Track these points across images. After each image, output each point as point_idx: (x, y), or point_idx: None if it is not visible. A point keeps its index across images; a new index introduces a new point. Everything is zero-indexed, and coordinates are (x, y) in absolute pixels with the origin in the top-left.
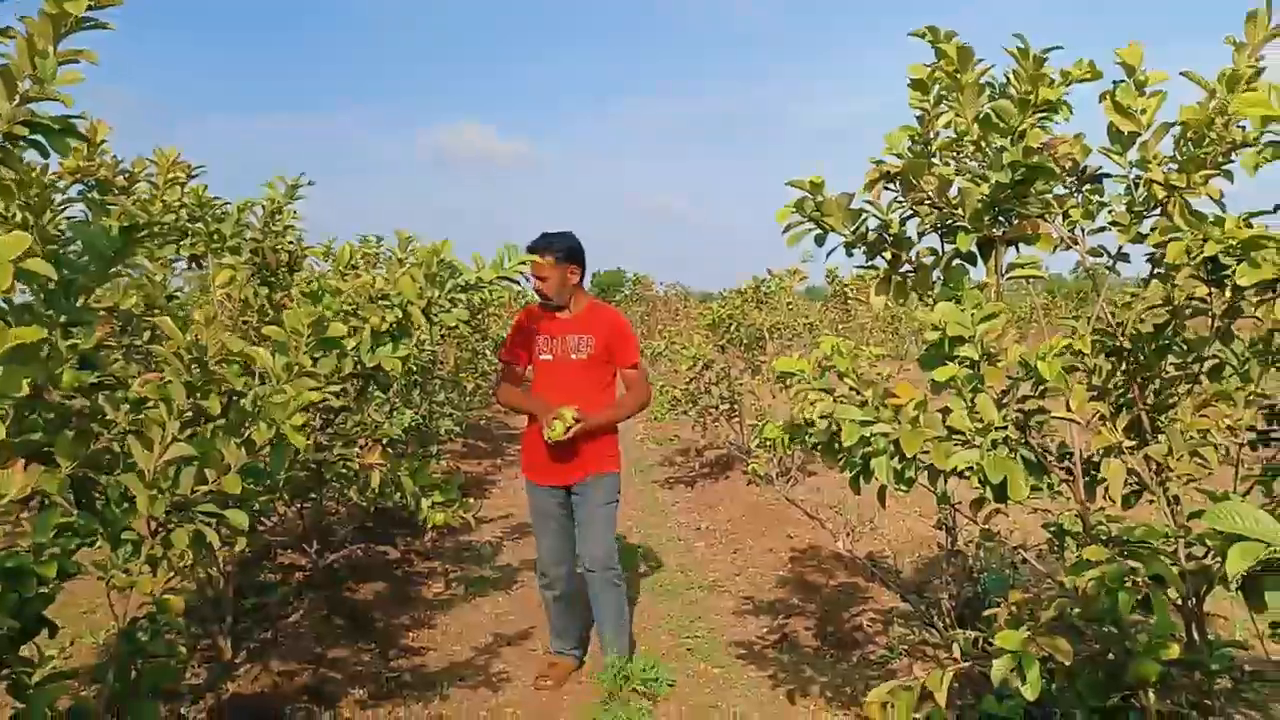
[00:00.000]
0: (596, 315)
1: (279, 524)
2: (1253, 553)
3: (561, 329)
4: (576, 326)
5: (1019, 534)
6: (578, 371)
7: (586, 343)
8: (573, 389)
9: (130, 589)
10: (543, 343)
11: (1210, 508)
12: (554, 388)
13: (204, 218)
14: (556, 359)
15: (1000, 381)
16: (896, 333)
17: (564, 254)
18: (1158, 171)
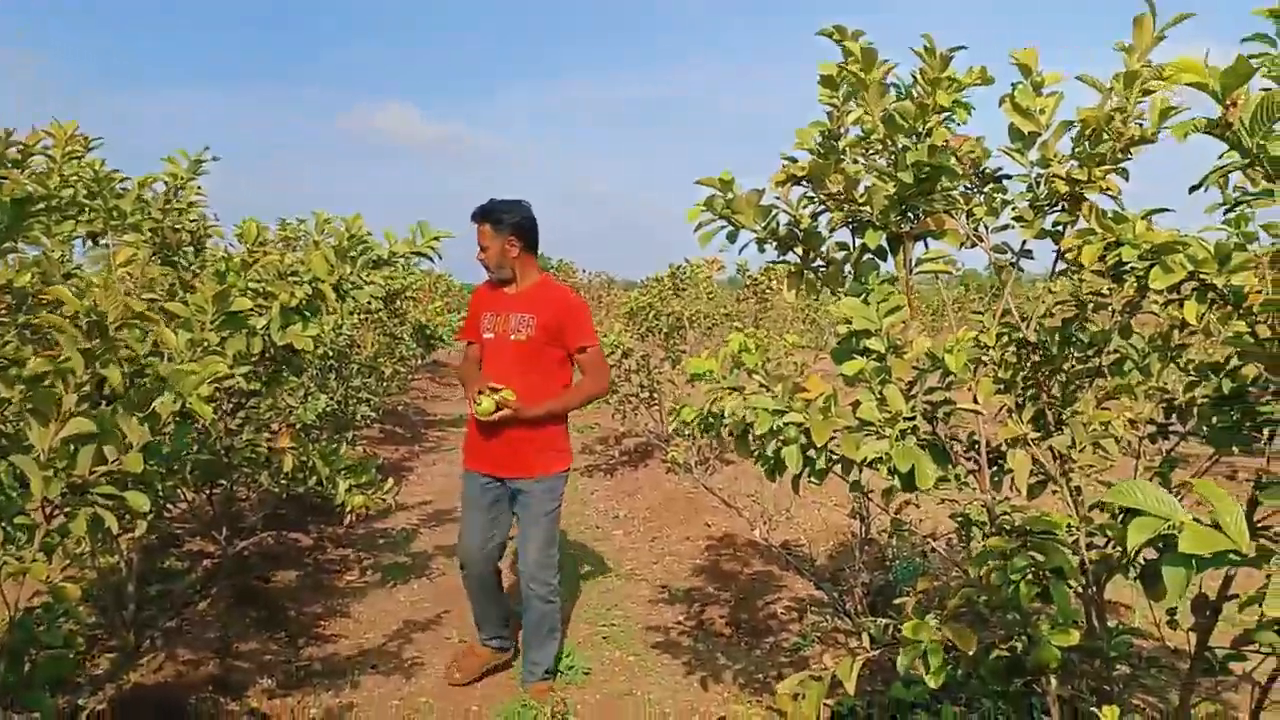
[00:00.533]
0: (543, 293)
1: (187, 511)
2: (1150, 527)
3: (505, 306)
4: (519, 304)
5: (930, 523)
6: (516, 353)
7: (526, 322)
8: (510, 372)
9: (23, 576)
10: (487, 320)
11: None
12: (493, 369)
13: (101, 193)
14: (497, 337)
15: (907, 373)
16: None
17: (504, 223)
18: (1060, 168)
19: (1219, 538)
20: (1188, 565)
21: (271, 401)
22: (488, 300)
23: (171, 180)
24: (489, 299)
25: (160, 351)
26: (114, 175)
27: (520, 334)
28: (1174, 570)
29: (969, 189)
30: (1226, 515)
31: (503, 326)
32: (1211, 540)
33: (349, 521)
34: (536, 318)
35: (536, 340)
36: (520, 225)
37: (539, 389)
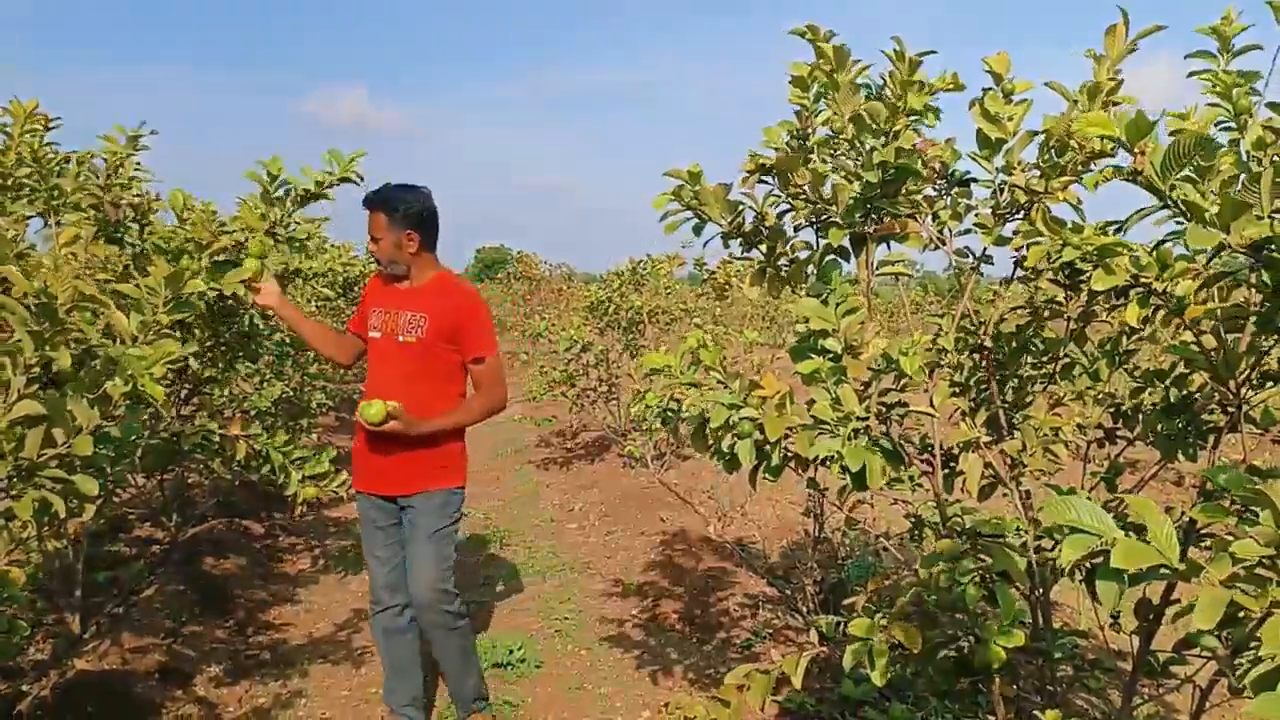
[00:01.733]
0: (439, 292)
1: (137, 496)
2: (1084, 544)
3: (395, 302)
4: (410, 302)
5: (883, 522)
6: (404, 357)
7: (417, 323)
8: (395, 377)
9: None
10: (375, 316)
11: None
12: (376, 373)
13: (39, 172)
14: (384, 337)
15: (862, 374)
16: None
17: (401, 214)
18: (1021, 177)
19: (1150, 552)
20: (1119, 579)
21: (228, 389)
22: (379, 294)
23: (111, 157)
24: (380, 293)
25: (112, 333)
26: (55, 153)
27: (410, 335)
28: (1106, 584)
29: (936, 191)
30: (1158, 530)
31: (391, 325)
32: (1143, 555)
33: (301, 511)
34: (429, 318)
35: (428, 345)
36: (420, 217)
37: (428, 399)
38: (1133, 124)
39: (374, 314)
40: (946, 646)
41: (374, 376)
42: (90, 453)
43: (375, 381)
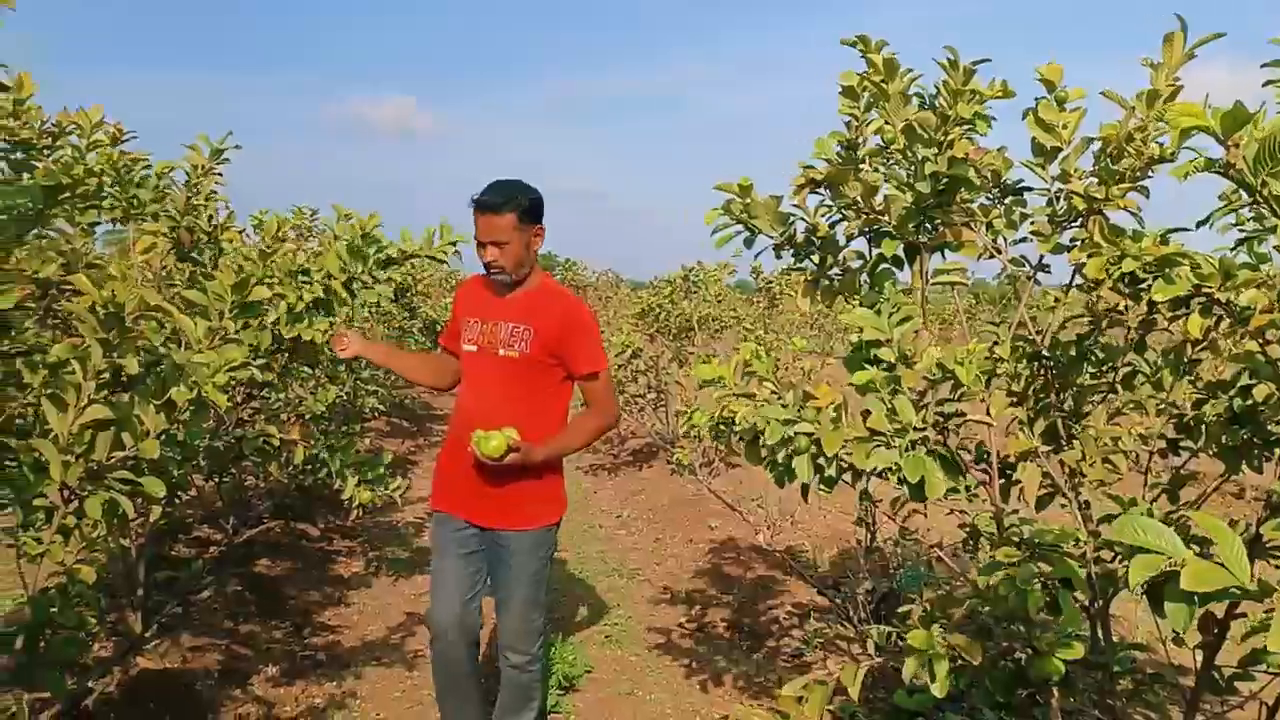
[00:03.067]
0: (545, 300)
1: (195, 498)
2: (1152, 565)
3: (495, 312)
4: (512, 311)
5: (935, 533)
6: (504, 374)
7: (522, 335)
8: (494, 398)
9: (41, 558)
10: (470, 328)
11: (1118, 514)
12: (472, 392)
13: (120, 181)
14: (481, 351)
15: (917, 384)
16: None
17: (527, 210)
18: (1079, 184)
19: (1220, 573)
20: (1190, 601)
21: (284, 394)
22: (473, 302)
23: (192, 171)
24: (475, 301)
25: (178, 338)
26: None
27: (512, 349)
28: (1176, 607)
29: (989, 201)
30: (1227, 549)
31: (489, 338)
32: (1214, 577)
33: (356, 515)
34: (534, 330)
35: (533, 360)
36: (540, 211)
37: (531, 421)
38: (1229, 115)
39: (468, 325)
40: (1004, 658)
41: (470, 396)
42: (157, 456)
43: (472, 402)
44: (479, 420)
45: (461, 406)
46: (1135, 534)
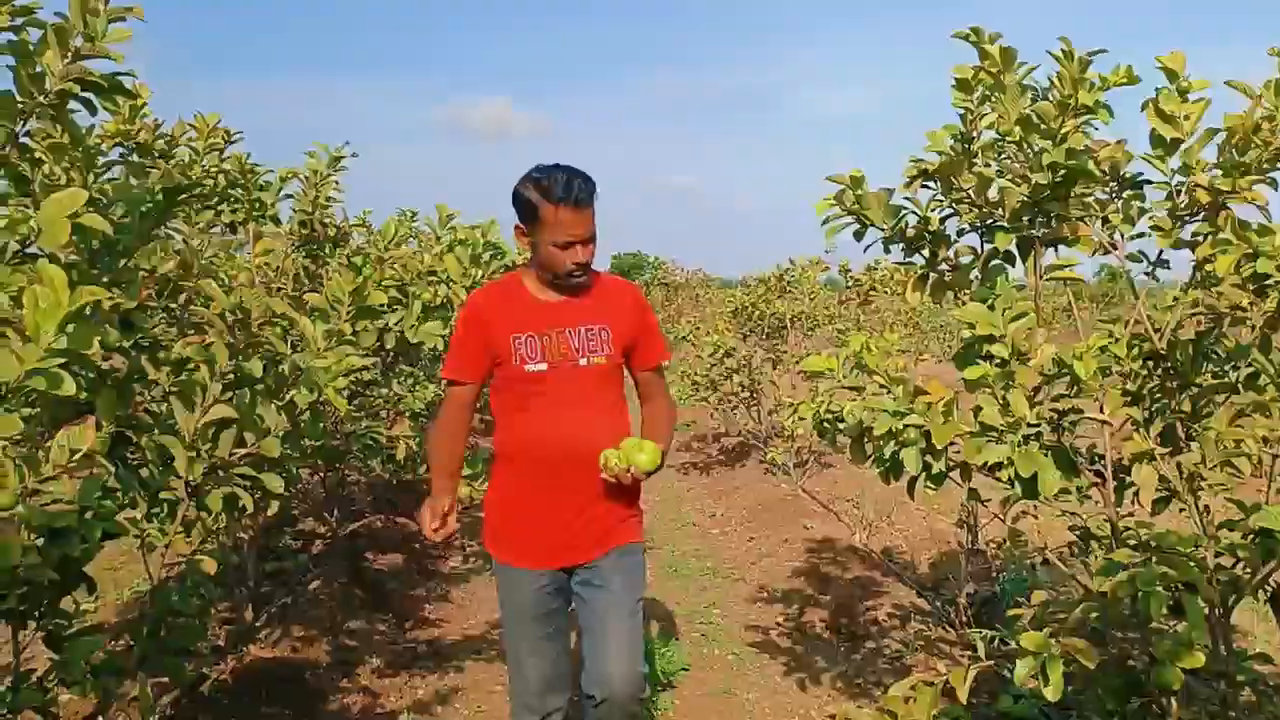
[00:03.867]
0: (611, 293)
1: (300, 491)
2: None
3: (557, 319)
4: (582, 313)
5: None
6: (592, 384)
7: (600, 338)
8: (589, 414)
9: (165, 549)
10: (526, 344)
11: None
12: (556, 415)
13: (245, 185)
14: (555, 367)
15: (1033, 380)
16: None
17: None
18: (1203, 176)
19: None
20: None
21: (386, 391)
22: (515, 316)
23: (313, 175)
24: (516, 314)
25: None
26: (256, 169)
27: (597, 355)
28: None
29: (1106, 195)
30: None
31: (562, 348)
32: None
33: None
34: (613, 329)
35: (615, 360)
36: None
37: (624, 429)
38: None
39: (521, 344)
40: (1118, 665)
41: (548, 422)
42: (277, 454)
43: (559, 427)
44: (582, 445)
45: (539, 437)
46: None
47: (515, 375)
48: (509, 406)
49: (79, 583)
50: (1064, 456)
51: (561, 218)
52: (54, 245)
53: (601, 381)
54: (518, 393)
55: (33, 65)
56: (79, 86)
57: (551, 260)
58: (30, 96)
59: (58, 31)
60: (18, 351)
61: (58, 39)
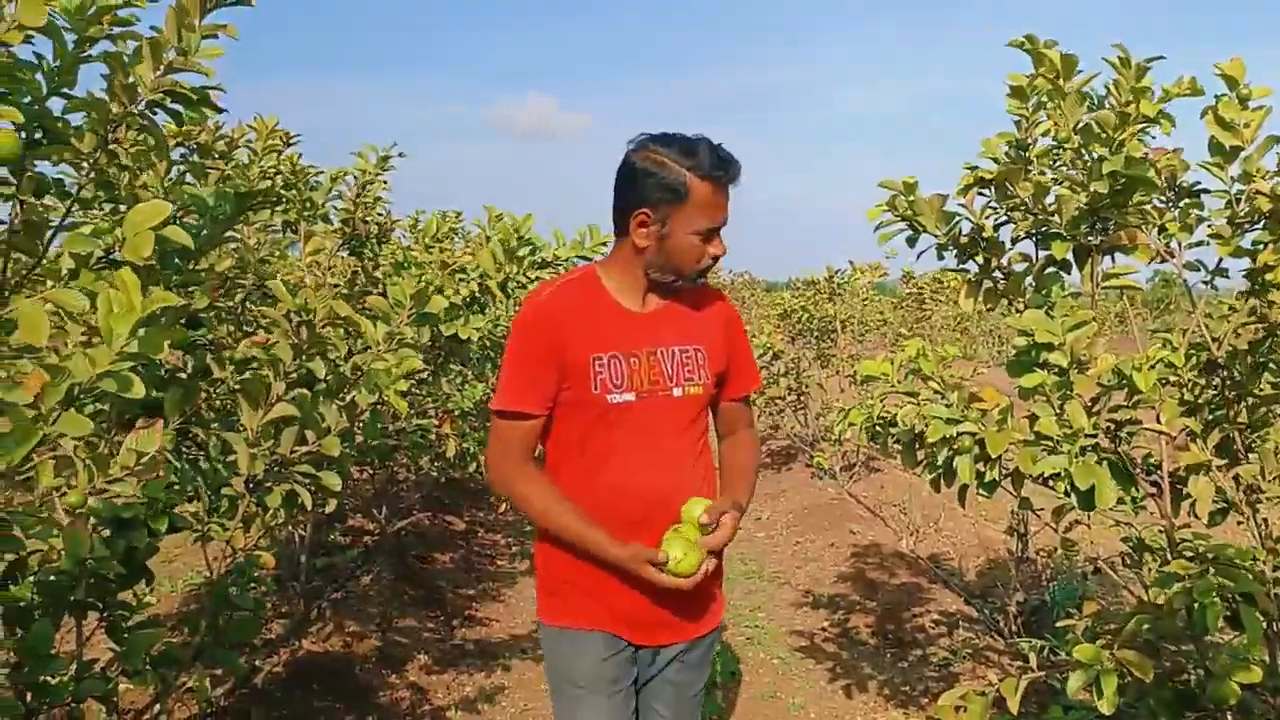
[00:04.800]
0: (703, 304)
1: (350, 488)
2: None
3: (647, 336)
4: (675, 329)
5: (1091, 546)
6: (685, 419)
7: (696, 361)
8: (677, 456)
9: (226, 544)
10: (611, 367)
11: None
12: (645, 456)
13: (297, 185)
14: (645, 398)
15: (1091, 390)
16: (966, 332)
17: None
18: (1264, 184)
19: None
20: None
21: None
22: (595, 329)
23: (361, 175)
24: (596, 326)
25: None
26: (309, 169)
27: (693, 383)
28: None
29: (1164, 203)
30: None
31: (653, 374)
32: None
33: (502, 508)
34: (708, 351)
35: (709, 389)
36: None
37: (709, 481)
38: None
39: (604, 364)
40: (1172, 678)
41: (632, 465)
42: (338, 453)
43: (643, 474)
44: (673, 496)
45: (618, 486)
46: None
47: (592, 406)
48: (577, 443)
49: (141, 575)
50: (1121, 468)
51: (713, 198)
52: (136, 257)
53: (695, 416)
54: (592, 428)
55: (126, 76)
56: (169, 98)
57: (684, 254)
58: (122, 106)
59: (152, 45)
60: (90, 354)
61: (152, 52)
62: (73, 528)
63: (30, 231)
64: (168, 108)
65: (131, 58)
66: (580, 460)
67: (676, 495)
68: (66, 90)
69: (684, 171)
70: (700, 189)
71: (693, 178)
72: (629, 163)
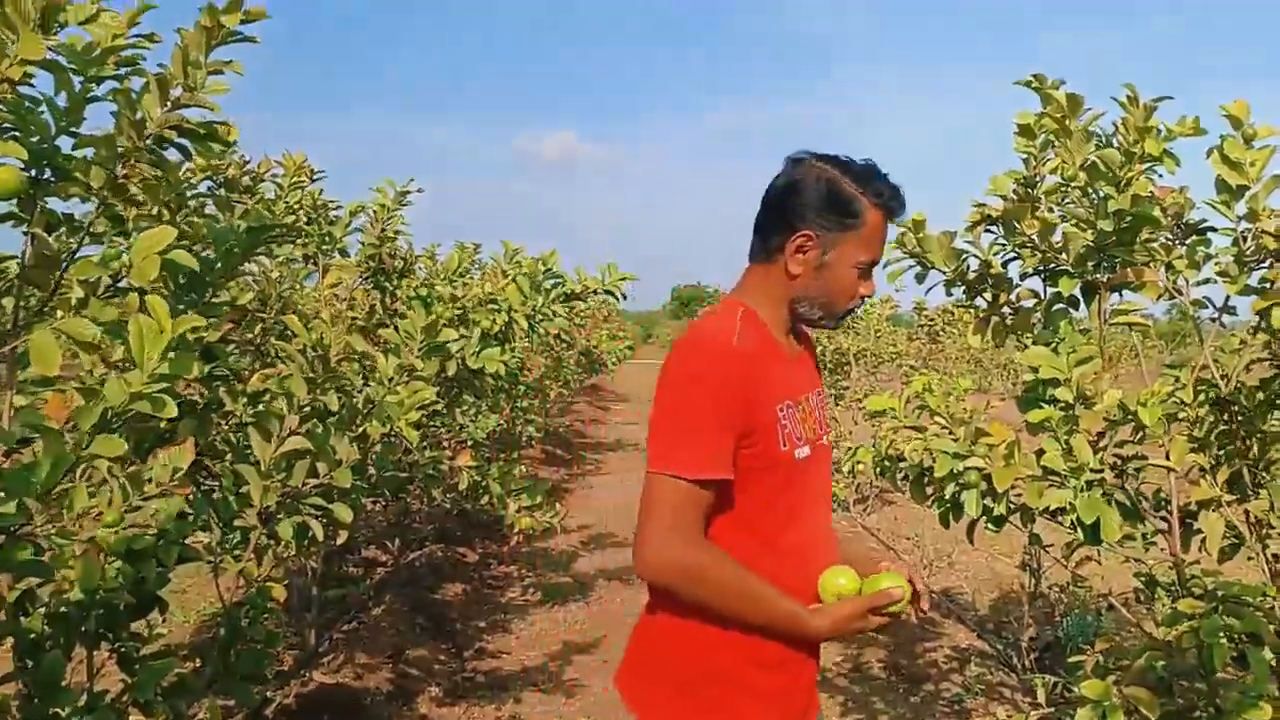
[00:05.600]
0: (804, 340)
1: (363, 519)
2: None
3: (807, 376)
4: (810, 371)
5: (1104, 582)
6: (827, 472)
7: (823, 406)
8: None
9: (238, 575)
10: (789, 419)
11: None
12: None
13: (318, 219)
14: (815, 450)
15: (1097, 425)
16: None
17: None
18: (1269, 223)
19: None
20: None
21: (448, 420)
22: (775, 370)
23: (380, 210)
24: (773, 373)
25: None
26: (330, 203)
27: (829, 430)
28: None
29: (1169, 241)
30: None
31: (812, 421)
32: None
33: (514, 540)
34: (820, 390)
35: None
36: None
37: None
38: None
39: (786, 414)
40: (1182, 716)
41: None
42: (349, 485)
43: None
44: (827, 560)
45: (802, 552)
46: None
47: (778, 465)
48: (758, 509)
49: (153, 605)
50: (1128, 502)
51: (882, 230)
52: (143, 280)
53: (829, 466)
54: (776, 489)
55: (134, 112)
56: (176, 133)
57: (841, 288)
58: (130, 141)
59: (159, 81)
60: (125, 377)
61: (159, 88)
62: (86, 557)
63: (42, 265)
64: (175, 143)
65: (139, 94)
66: (757, 528)
67: (829, 550)
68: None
69: (859, 196)
70: (873, 218)
71: (868, 204)
72: (794, 178)
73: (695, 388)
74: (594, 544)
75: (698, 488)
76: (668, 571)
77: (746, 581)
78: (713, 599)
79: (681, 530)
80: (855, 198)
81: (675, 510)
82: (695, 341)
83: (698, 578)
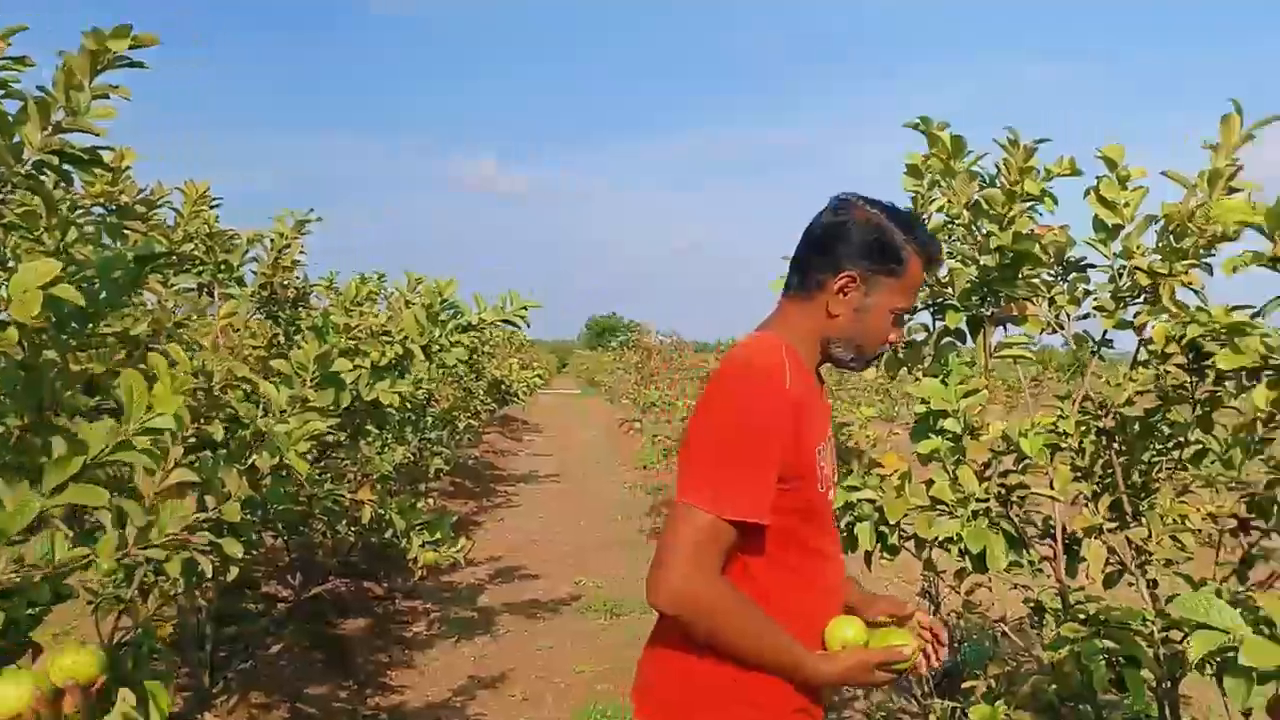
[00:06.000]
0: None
1: (263, 554)
2: (1211, 641)
3: (827, 423)
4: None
5: (1000, 606)
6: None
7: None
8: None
9: (120, 615)
10: (825, 461)
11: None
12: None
13: (213, 247)
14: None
15: (982, 455)
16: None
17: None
18: (1143, 260)
19: (1278, 650)
20: (1248, 677)
21: (353, 453)
22: (815, 409)
23: (278, 239)
24: (817, 406)
25: (261, 401)
26: (225, 232)
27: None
28: (1234, 681)
29: (1052, 277)
30: None
31: (828, 467)
32: (1272, 654)
33: (421, 574)
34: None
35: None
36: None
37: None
38: (1273, 211)
39: (823, 455)
40: None
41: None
42: (239, 519)
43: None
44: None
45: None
46: (1197, 610)
47: (814, 507)
48: (790, 551)
49: (25, 649)
50: (1013, 531)
51: (920, 278)
52: (25, 316)
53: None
54: (815, 530)
55: (10, 136)
56: (57, 159)
57: (877, 331)
58: (7, 167)
59: (39, 105)
60: None
61: (39, 112)
62: None
63: None
64: (57, 168)
65: (16, 117)
66: (800, 570)
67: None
68: None
69: (912, 247)
70: (915, 265)
71: (910, 251)
72: (841, 219)
73: (746, 427)
74: (501, 577)
75: (730, 526)
76: (690, 606)
77: (760, 623)
78: (725, 636)
79: (707, 567)
80: (902, 245)
81: (703, 546)
82: (746, 377)
83: (717, 614)
